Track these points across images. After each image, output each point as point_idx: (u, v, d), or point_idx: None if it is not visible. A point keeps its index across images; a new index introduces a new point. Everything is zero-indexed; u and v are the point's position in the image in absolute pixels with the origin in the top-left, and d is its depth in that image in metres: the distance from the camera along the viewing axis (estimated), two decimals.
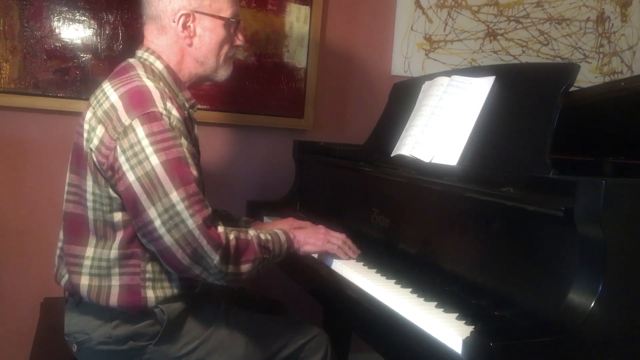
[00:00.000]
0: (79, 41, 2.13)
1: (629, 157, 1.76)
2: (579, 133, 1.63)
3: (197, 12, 1.42)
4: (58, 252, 1.45)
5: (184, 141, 1.30)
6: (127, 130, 1.26)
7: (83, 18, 2.13)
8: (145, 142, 1.24)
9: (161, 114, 1.27)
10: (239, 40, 1.52)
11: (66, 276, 1.39)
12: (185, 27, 1.42)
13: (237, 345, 1.43)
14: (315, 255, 1.59)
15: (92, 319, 1.37)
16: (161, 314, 1.36)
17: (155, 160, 1.24)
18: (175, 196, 1.23)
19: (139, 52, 1.46)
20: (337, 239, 1.53)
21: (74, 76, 2.13)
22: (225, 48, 1.49)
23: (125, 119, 1.26)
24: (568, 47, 2.79)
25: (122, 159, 1.25)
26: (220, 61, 1.49)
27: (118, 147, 1.26)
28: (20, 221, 2.16)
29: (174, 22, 1.42)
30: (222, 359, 1.42)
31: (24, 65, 2.08)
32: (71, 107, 2.11)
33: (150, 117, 1.26)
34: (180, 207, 1.23)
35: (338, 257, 1.52)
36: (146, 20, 1.47)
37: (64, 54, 2.12)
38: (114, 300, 1.33)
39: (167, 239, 1.23)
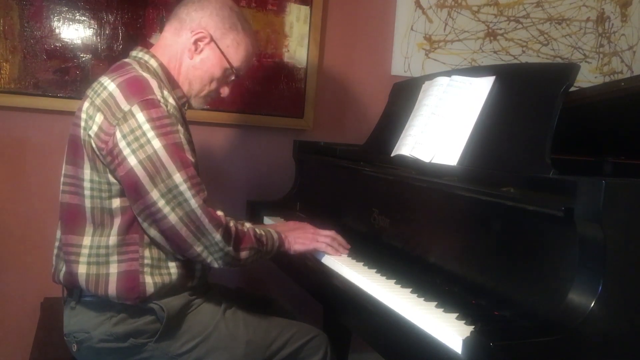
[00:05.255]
0: (79, 41, 2.13)
1: (629, 157, 1.76)
2: (579, 133, 1.63)
3: (214, 40, 1.49)
4: (55, 251, 1.46)
5: (180, 128, 1.36)
6: (126, 115, 1.30)
7: (83, 18, 2.13)
8: (146, 126, 1.29)
9: (159, 101, 1.33)
10: (225, 89, 1.59)
11: (64, 269, 1.40)
12: (196, 42, 1.48)
13: (237, 345, 1.44)
14: (317, 255, 1.59)
15: (92, 317, 1.38)
16: (160, 311, 1.36)
17: (157, 144, 1.29)
18: (178, 177, 1.29)
19: (134, 52, 1.51)
20: (325, 236, 1.58)
21: (74, 76, 2.13)
22: (213, 85, 1.55)
23: (125, 105, 1.31)
24: (568, 47, 2.79)
25: (122, 144, 1.29)
26: (203, 92, 1.55)
27: (118, 132, 1.30)
28: (20, 221, 2.16)
29: (191, 32, 1.48)
30: (222, 358, 1.43)
31: (24, 65, 2.08)
32: (71, 107, 2.10)
33: (149, 104, 1.31)
34: (183, 187, 1.30)
35: (329, 254, 1.55)
36: (172, 18, 1.53)
37: (64, 54, 2.12)
38: (112, 288, 1.34)
39: (172, 217, 1.29)
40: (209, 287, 1.54)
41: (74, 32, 2.12)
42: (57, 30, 2.10)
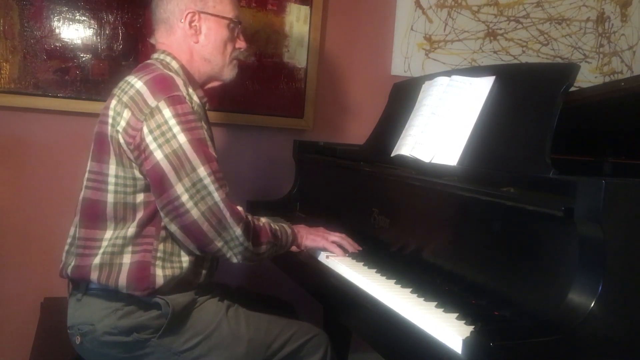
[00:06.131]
0: (79, 41, 2.13)
1: (629, 157, 1.76)
2: (579, 133, 1.63)
3: (202, 12, 1.52)
4: (67, 247, 1.47)
5: (203, 124, 1.40)
6: (153, 111, 1.34)
7: (83, 18, 2.13)
8: (172, 121, 1.34)
9: (184, 97, 1.38)
10: (240, 42, 1.61)
11: (73, 262, 1.41)
12: (191, 25, 1.51)
13: (239, 344, 1.44)
14: (320, 253, 1.59)
15: (97, 310, 1.39)
16: (166, 306, 1.37)
17: (182, 139, 1.33)
18: (202, 171, 1.34)
19: (155, 55, 1.55)
20: (335, 236, 1.61)
21: (74, 76, 2.13)
22: (229, 47, 1.58)
23: (152, 101, 1.35)
24: (568, 47, 2.79)
25: (149, 139, 1.33)
26: (226, 60, 1.58)
27: (145, 128, 1.34)
28: (20, 221, 2.16)
29: (182, 21, 1.51)
30: (223, 357, 1.43)
31: (24, 65, 2.08)
32: (71, 107, 2.12)
33: (175, 100, 1.36)
34: (207, 181, 1.34)
35: (337, 255, 1.56)
36: (156, 25, 1.56)
37: (64, 54, 2.12)
38: (123, 278, 1.36)
39: (194, 212, 1.32)
40: (212, 286, 1.55)
41: (74, 32, 2.12)
42: (57, 30, 2.10)
